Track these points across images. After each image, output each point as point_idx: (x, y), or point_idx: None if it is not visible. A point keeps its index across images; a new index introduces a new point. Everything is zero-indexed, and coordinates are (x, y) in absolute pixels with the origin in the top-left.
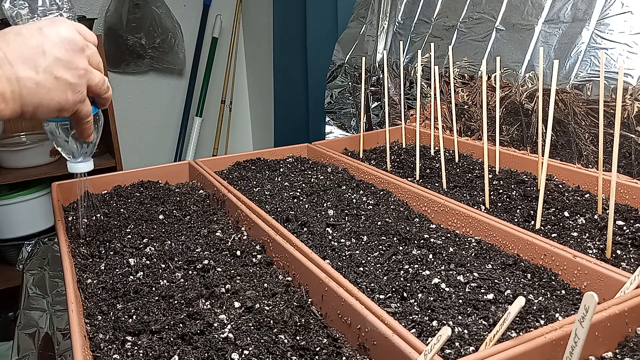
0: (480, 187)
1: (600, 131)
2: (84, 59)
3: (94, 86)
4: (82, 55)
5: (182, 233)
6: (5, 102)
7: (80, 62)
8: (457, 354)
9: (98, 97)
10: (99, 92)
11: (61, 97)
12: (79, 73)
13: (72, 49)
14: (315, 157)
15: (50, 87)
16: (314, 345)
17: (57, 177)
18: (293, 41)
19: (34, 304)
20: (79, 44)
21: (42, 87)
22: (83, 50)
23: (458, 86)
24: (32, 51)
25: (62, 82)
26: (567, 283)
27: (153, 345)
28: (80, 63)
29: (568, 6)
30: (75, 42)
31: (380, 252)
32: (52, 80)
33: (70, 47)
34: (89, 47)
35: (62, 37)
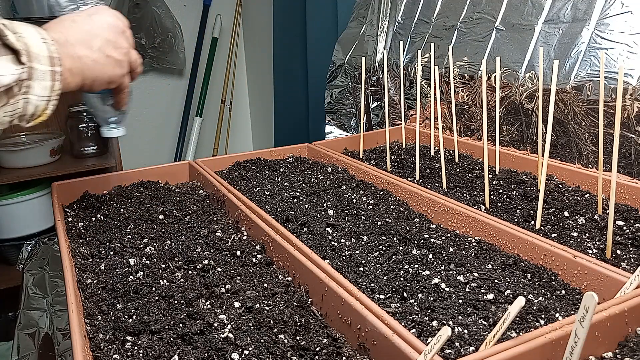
0: (480, 187)
1: (600, 131)
2: (125, 40)
3: (133, 62)
4: (124, 37)
5: (182, 233)
6: (72, 76)
7: (123, 42)
8: (457, 354)
9: (133, 72)
10: (135, 67)
11: (112, 72)
12: (123, 51)
13: (117, 31)
14: (315, 157)
15: (104, 63)
16: (314, 345)
17: (57, 177)
18: (293, 41)
19: (34, 304)
20: (121, 27)
21: (97, 63)
22: (124, 32)
23: (458, 86)
24: (87, 34)
25: (111, 59)
26: (567, 283)
27: (153, 345)
28: (124, 43)
29: (568, 6)
30: (118, 26)
31: (380, 252)
32: (104, 57)
33: (115, 30)
34: (127, 30)
35: (108, 22)
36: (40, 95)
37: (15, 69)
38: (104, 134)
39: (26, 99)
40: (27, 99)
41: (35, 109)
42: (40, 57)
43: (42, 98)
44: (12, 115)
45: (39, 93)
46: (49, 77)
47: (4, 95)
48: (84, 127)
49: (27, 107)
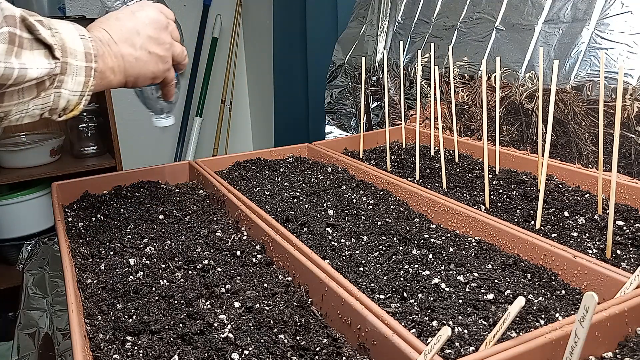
0: (480, 187)
1: (600, 131)
2: (168, 35)
3: (177, 56)
4: (167, 32)
5: (182, 233)
6: (114, 74)
7: (166, 37)
8: (457, 354)
9: (178, 64)
10: (180, 60)
11: (155, 68)
12: (165, 47)
13: (159, 27)
14: (315, 157)
15: (146, 60)
16: (314, 345)
17: (57, 177)
18: (293, 41)
19: (34, 304)
20: (164, 23)
21: (140, 61)
22: (167, 27)
23: (458, 86)
24: (130, 32)
25: (154, 56)
26: (567, 283)
27: (153, 345)
28: (166, 38)
29: (568, 6)
30: (160, 21)
31: (380, 252)
32: (147, 54)
33: (157, 26)
34: (170, 24)
35: (150, 18)
36: (72, 90)
37: (48, 63)
38: (155, 124)
39: (58, 93)
40: (59, 93)
41: (67, 103)
42: (76, 52)
43: (75, 93)
44: (43, 109)
45: (71, 88)
46: (83, 72)
47: (35, 88)
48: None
49: (59, 101)
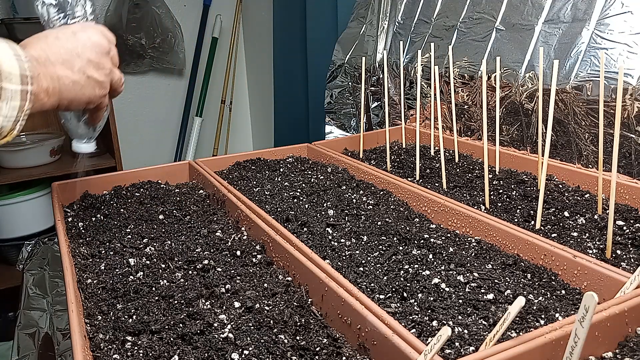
0: (480, 187)
1: (600, 131)
2: (109, 60)
3: (114, 83)
4: (108, 57)
5: (182, 233)
6: (48, 96)
7: (107, 63)
8: (457, 354)
9: (114, 91)
10: (117, 87)
11: (91, 93)
12: (105, 72)
13: (101, 51)
14: (315, 157)
15: (83, 84)
16: (314, 345)
17: (57, 177)
18: (293, 41)
19: (34, 304)
20: (106, 47)
21: (77, 84)
22: (108, 52)
23: (458, 86)
24: (69, 53)
25: (92, 81)
26: (567, 283)
27: (153, 345)
28: (107, 64)
29: (568, 6)
30: (103, 46)
31: (380, 252)
32: (85, 79)
33: (99, 50)
34: (112, 50)
35: (92, 42)
36: (7, 115)
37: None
38: (74, 149)
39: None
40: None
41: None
42: (11, 75)
43: (9, 119)
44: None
45: (5, 113)
46: (19, 96)
47: None
48: None
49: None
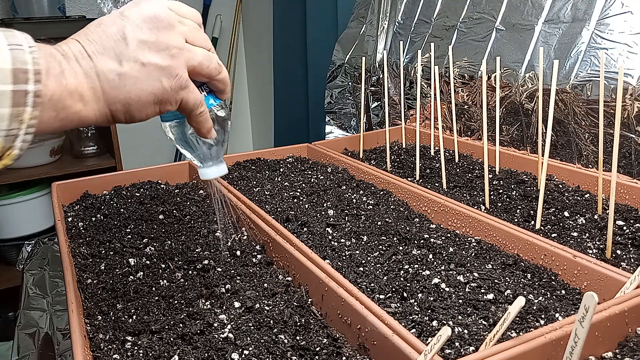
0: (480, 187)
1: (600, 131)
2: (176, 36)
3: (197, 66)
4: (174, 32)
5: (182, 233)
6: (83, 101)
7: (171, 39)
8: (457, 354)
9: (211, 82)
10: (207, 73)
11: (154, 86)
12: (170, 53)
13: (158, 26)
14: (315, 157)
15: (138, 76)
16: (314, 345)
17: (57, 177)
18: (293, 41)
19: (34, 304)
20: (167, 20)
21: (128, 77)
22: (173, 26)
23: (458, 86)
24: (113, 39)
25: (151, 68)
26: (567, 283)
27: (153, 345)
28: (172, 41)
29: (568, 6)
30: (159, 18)
31: (380, 252)
32: (139, 67)
33: (155, 25)
34: (183, 23)
35: (144, 16)
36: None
37: None
38: (201, 175)
39: None
40: None
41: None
42: None
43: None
44: None
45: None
46: (9, 100)
47: None
48: None
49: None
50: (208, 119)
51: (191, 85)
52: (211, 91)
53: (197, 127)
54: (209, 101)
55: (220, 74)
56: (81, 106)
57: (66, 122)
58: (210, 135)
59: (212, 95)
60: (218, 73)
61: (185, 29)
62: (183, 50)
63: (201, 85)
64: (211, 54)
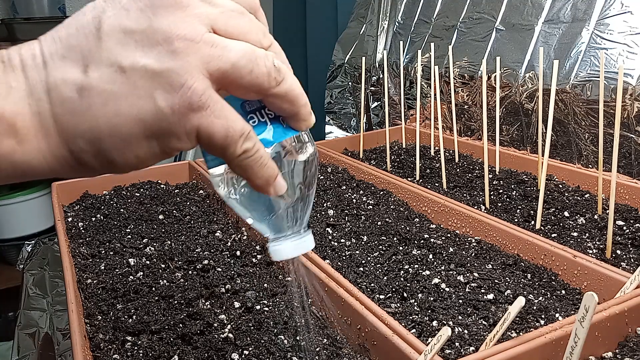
0: (480, 187)
1: (600, 131)
2: (189, 21)
3: (230, 71)
4: (184, 15)
5: (182, 233)
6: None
7: (177, 26)
8: (457, 354)
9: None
10: (250, 82)
11: (141, 107)
12: (171, 48)
13: (156, 4)
14: None
15: (112, 89)
16: (314, 346)
17: (57, 177)
18: (293, 41)
19: (34, 304)
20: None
21: (95, 93)
22: (185, 5)
23: (458, 86)
24: (83, 32)
25: (135, 75)
26: (567, 283)
27: (153, 345)
28: (179, 28)
29: (568, 6)
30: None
31: (380, 252)
32: (113, 75)
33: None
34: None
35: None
36: None
37: None
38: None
39: None
40: None
41: None
42: None
43: None
44: None
45: None
46: None
47: None
48: None
49: None
50: (264, 162)
51: (217, 104)
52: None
53: (246, 178)
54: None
55: (280, 86)
56: (12, 144)
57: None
58: (274, 189)
59: (281, 124)
60: (276, 83)
61: (211, 11)
62: (199, 43)
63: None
64: (258, 51)
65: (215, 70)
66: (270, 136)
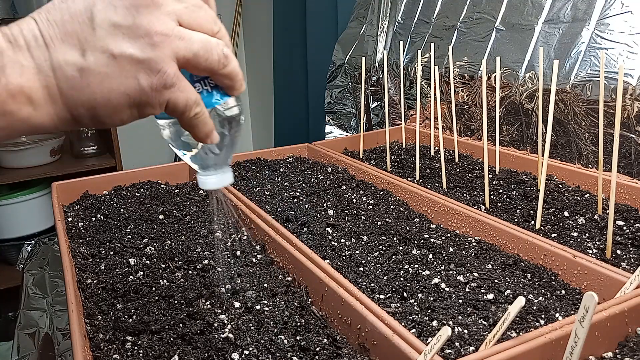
0: (480, 187)
1: (600, 131)
2: (163, 18)
3: (192, 58)
4: (159, 13)
5: (182, 233)
6: (33, 105)
7: (154, 23)
8: (457, 354)
9: (215, 77)
10: (206, 67)
11: (128, 86)
12: (151, 41)
13: (137, 4)
14: (315, 157)
15: (106, 71)
16: (314, 345)
17: (57, 177)
18: (293, 41)
19: (34, 304)
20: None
21: (92, 74)
22: (159, 4)
23: (458, 86)
24: (78, 20)
25: (124, 62)
26: (567, 283)
27: (153, 345)
28: (156, 25)
29: (568, 6)
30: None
31: (380, 252)
32: (107, 60)
33: (133, 2)
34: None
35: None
36: None
37: None
38: (200, 184)
39: None
40: None
41: None
42: None
43: None
44: None
45: None
46: None
47: None
48: None
49: None
50: (206, 122)
51: (181, 82)
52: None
53: (192, 132)
54: (213, 98)
55: (226, 68)
56: (30, 111)
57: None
58: (211, 140)
59: (219, 91)
60: (223, 66)
61: (179, 8)
62: (171, 37)
63: (204, 79)
64: (212, 41)
65: (182, 57)
66: (211, 100)
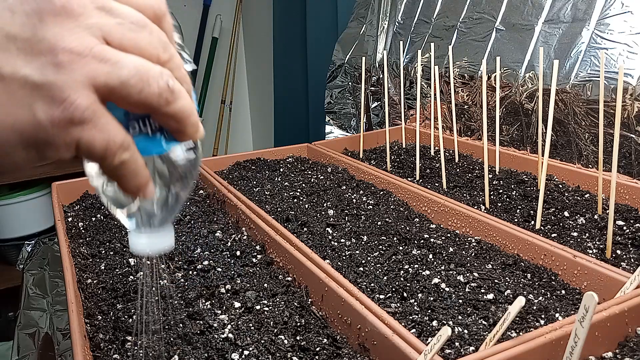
0: (480, 187)
1: (600, 131)
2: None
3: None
4: (73, 25)
5: (182, 233)
6: None
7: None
8: (457, 354)
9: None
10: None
11: (18, 117)
12: (55, 60)
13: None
14: (315, 157)
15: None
16: (314, 346)
17: (57, 177)
18: (293, 41)
19: (34, 304)
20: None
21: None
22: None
23: (458, 86)
24: None
25: (14, 85)
26: (567, 283)
27: (153, 345)
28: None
29: (568, 6)
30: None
31: (380, 252)
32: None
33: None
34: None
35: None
36: None
37: None
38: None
39: None
40: None
41: None
42: None
43: None
44: None
45: None
46: None
47: None
48: None
49: None
50: (137, 172)
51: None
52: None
53: (119, 184)
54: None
55: (170, 105)
56: None
57: None
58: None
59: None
60: (166, 103)
61: (107, 22)
62: (86, 57)
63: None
64: (154, 69)
65: (103, 86)
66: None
